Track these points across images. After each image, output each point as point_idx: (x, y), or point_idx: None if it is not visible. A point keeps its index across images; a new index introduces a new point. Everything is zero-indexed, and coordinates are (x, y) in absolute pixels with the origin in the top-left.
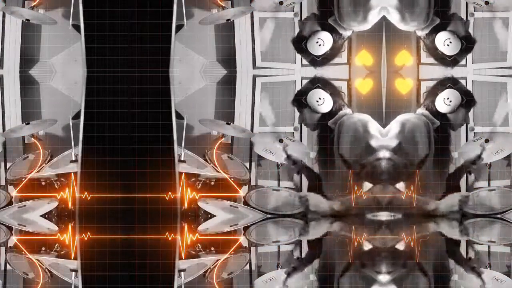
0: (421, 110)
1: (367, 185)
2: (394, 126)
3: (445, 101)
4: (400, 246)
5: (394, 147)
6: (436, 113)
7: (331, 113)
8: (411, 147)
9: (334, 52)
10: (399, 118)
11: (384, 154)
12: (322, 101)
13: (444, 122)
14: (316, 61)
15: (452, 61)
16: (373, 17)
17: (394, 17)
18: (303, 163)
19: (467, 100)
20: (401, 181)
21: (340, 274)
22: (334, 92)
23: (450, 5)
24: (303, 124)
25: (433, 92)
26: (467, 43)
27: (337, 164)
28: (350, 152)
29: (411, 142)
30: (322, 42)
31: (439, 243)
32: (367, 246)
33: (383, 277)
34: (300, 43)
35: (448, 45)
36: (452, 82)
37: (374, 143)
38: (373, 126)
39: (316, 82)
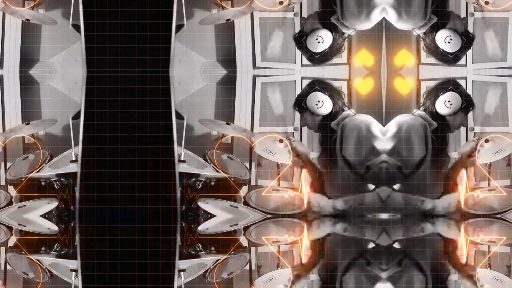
0: (418, 111)
1: (368, 186)
2: (392, 127)
3: (446, 104)
4: (400, 246)
5: (391, 149)
6: (434, 114)
7: (333, 114)
8: (408, 148)
9: (334, 51)
10: (396, 119)
11: (382, 154)
12: (321, 104)
13: (443, 123)
14: (315, 58)
15: (453, 58)
16: (376, 16)
17: (392, 16)
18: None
19: (467, 104)
20: (400, 181)
21: (341, 273)
22: (334, 93)
23: (448, 4)
24: (305, 126)
25: (433, 94)
26: (467, 40)
27: (339, 164)
28: (352, 153)
29: (407, 143)
30: (322, 40)
31: (438, 243)
32: (367, 246)
33: (383, 277)
34: (300, 40)
35: (449, 42)
36: (453, 85)
37: (375, 144)
38: (376, 128)
39: (315, 84)
